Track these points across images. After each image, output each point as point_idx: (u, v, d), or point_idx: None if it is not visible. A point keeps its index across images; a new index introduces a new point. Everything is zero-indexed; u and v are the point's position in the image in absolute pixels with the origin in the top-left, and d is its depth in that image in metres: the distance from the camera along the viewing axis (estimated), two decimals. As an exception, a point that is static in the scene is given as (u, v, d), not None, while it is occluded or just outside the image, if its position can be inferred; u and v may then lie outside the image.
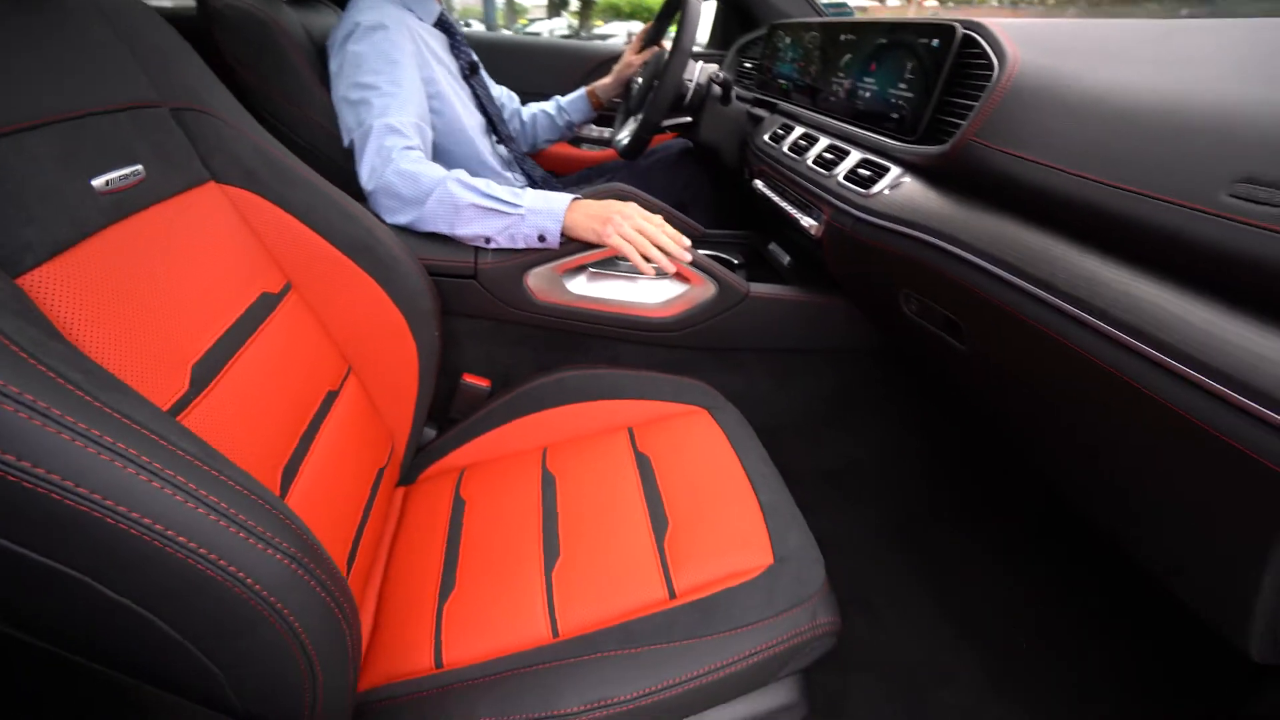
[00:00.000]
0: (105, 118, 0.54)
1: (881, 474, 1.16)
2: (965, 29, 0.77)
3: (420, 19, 1.10)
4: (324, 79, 1.04)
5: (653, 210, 1.14)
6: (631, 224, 0.87)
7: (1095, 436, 0.62)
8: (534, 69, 1.74)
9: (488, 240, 0.90)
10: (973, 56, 0.75)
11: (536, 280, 0.91)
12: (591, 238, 0.88)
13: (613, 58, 1.76)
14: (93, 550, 0.32)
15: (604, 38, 14.25)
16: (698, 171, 1.32)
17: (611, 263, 0.94)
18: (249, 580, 0.35)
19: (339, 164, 1.02)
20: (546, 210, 0.88)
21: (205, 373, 0.55)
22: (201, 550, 0.34)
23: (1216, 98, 0.50)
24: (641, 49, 1.43)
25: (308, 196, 0.72)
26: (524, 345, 0.98)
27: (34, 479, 0.30)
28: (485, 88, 1.27)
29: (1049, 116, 0.62)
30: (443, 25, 1.19)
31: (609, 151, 1.70)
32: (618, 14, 21.09)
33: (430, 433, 0.95)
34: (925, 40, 0.82)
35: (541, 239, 0.89)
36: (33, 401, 0.31)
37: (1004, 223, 0.65)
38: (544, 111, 1.48)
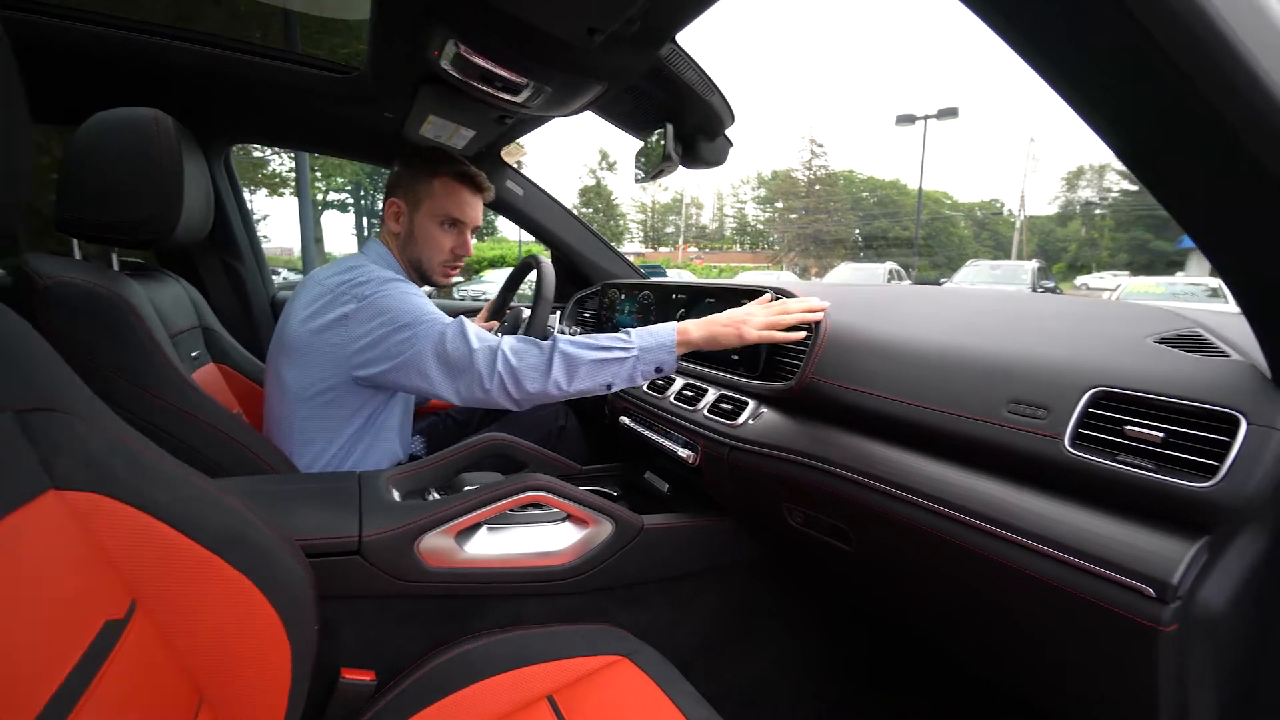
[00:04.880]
0: None
1: (800, 682, 1.15)
2: (776, 293, 0.99)
3: None
4: (176, 355, 0.99)
5: (525, 453, 1.18)
6: (765, 314, 0.93)
7: (978, 609, 0.72)
8: None
9: (609, 386, 0.97)
10: None
11: (429, 546, 0.86)
12: (735, 342, 0.94)
13: (465, 314, 1.90)
14: None
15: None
16: (562, 410, 1.41)
17: (506, 515, 0.93)
18: None
19: (196, 448, 0.93)
20: (657, 345, 0.96)
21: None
22: None
23: (976, 345, 0.71)
24: (490, 317, 1.58)
25: (172, 491, 0.64)
26: (414, 621, 0.87)
27: None
28: None
29: (864, 357, 0.82)
30: None
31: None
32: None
33: None
34: (746, 299, 1.04)
35: (659, 370, 0.97)
36: None
37: (859, 440, 0.79)
38: None
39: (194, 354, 1.22)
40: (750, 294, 1.04)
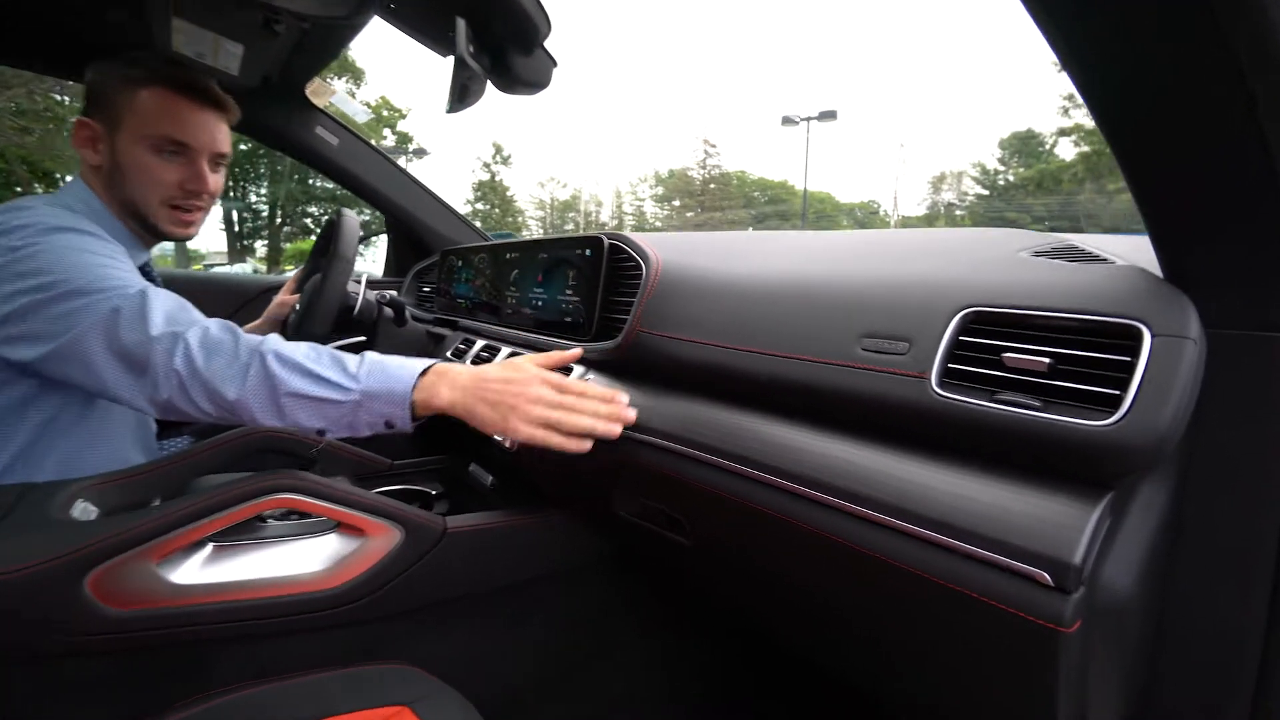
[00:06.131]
0: None
1: (664, 701, 0.98)
2: (610, 239, 0.82)
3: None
4: None
5: (314, 446, 0.93)
6: (545, 405, 0.66)
7: (832, 609, 0.58)
8: None
9: (321, 433, 0.70)
10: (622, 262, 0.80)
11: (111, 580, 0.60)
12: (496, 431, 0.67)
13: (273, 289, 1.59)
14: None
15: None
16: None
17: (251, 525, 0.69)
18: None
19: None
20: (387, 394, 0.68)
21: None
22: None
23: (824, 272, 0.57)
24: (296, 289, 1.30)
25: None
26: (93, 691, 0.61)
27: None
28: None
29: (696, 302, 0.66)
30: (145, 273, 0.91)
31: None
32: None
33: None
34: (580, 251, 0.86)
35: (390, 425, 0.69)
36: None
37: (692, 405, 0.63)
38: None
39: None
40: (584, 243, 0.86)
